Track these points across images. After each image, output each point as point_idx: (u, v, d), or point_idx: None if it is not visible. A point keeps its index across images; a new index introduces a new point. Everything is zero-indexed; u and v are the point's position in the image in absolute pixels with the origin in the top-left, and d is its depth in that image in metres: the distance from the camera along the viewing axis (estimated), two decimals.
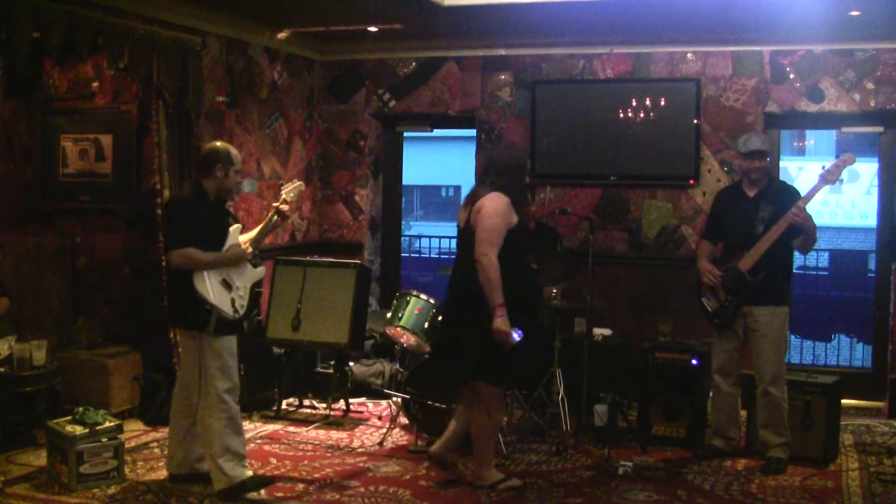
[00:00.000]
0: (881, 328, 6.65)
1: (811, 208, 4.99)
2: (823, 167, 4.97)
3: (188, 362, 4.59)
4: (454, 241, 17.56)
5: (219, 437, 4.45)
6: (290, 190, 4.94)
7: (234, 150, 4.64)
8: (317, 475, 4.94)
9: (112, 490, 4.58)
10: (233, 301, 4.50)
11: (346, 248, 7.61)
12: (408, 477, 4.95)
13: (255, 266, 4.69)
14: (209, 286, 4.41)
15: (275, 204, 4.80)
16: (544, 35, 6.92)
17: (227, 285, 4.50)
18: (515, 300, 4.47)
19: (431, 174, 22.23)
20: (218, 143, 4.76)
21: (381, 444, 5.54)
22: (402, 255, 8.74)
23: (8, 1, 4.65)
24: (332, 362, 6.30)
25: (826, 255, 12.43)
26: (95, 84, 6.38)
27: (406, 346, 5.92)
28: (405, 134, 8.12)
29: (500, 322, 4.40)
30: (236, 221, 4.69)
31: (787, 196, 5.07)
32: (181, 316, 4.57)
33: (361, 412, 6.32)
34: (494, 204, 4.51)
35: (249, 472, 4.52)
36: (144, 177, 6.15)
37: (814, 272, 11.73)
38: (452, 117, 7.53)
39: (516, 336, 4.42)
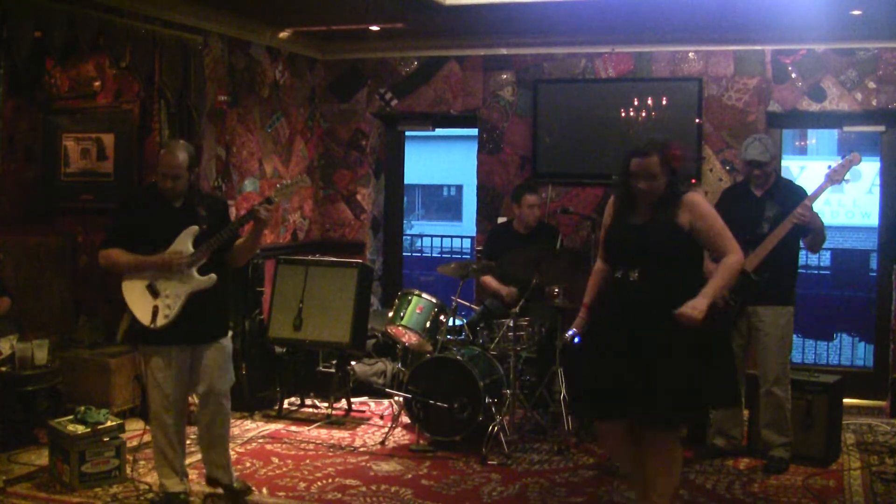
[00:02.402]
0: (882, 327, 6.64)
1: (815, 207, 4.98)
2: (829, 167, 4.94)
3: None
4: (455, 241, 17.41)
5: (154, 445, 4.39)
6: (280, 191, 4.42)
7: (164, 151, 4.26)
8: (318, 474, 4.94)
9: (114, 489, 4.58)
10: (155, 309, 4.16)
11: (347, 247, 7.61)
12: (409, 476, 4.94)
13: (197, 272, 4.23)
14: (131, 291, 4.23)
15: (255, 205, 4.31)
16: (546, 34, 6.92)
17: (153, 292, 4.20)
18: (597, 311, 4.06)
19: (433, 173, 22.21)
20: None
21: (382, 443, 5.53)
22: (404, 254, 8.74)
23: (9, 0, 4.65)
24: (334, 361, 6.30)
25: (828, 254, 12.39)
26: (97, 83, 6.39)
27: (408, 346, 5.92)
28: (407, 133, 8.12)
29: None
30: (195, 223, 4.25)
31: (794, 196, 5.05)
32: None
33: (363, 411, 6.32)
34: None
35: (179, 488, 4.35)
36: (146, 176, 6.15)
37: (815, 271, 11.70)
38: (454, 116, 7.53)
39: (569, 333, 4.11)
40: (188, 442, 4.64)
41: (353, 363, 6.44)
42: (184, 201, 4.31)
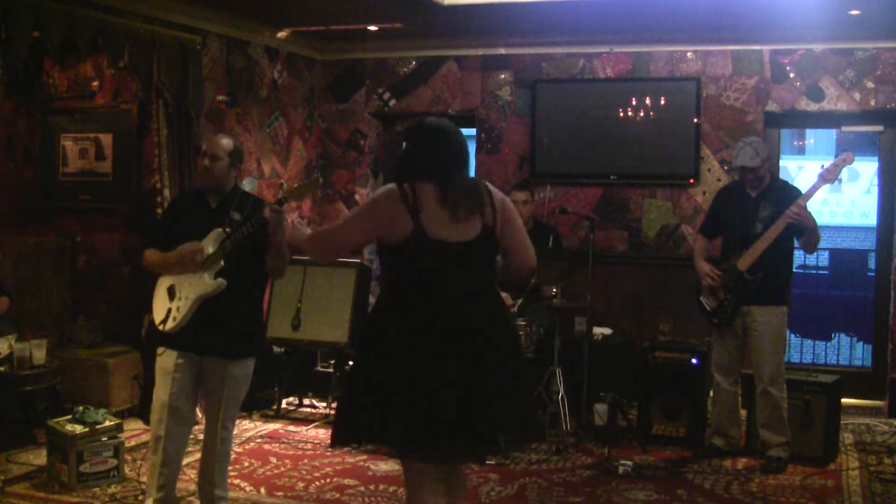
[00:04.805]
0: (881, 327, 6.65)
1: (811, 207, 4.99)
2: (822, 166, 4.97)
3: None
4: None
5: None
6: (291, 192, 3.93)
7: (209, 135, 4.15)
8: (317, 474, 4.94)
9: (112, 489, 4.59)
10: (168, 311, 3.98)
11: None
12: None
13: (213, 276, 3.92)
14: (158, 291, 4.11)
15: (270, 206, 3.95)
16: (544, 34, 6.92)
17: (171, 294, 4.01)
18: None
19: None
20: None
21: None
22: None
23: (8, 0, 4.65)
24: (332, 361, 6.31)
25: (826, 254, 12.39)
26: (95, 83, 6.38)
27: None
28: None
29: None
30: (220, 224, 3.93)
31: (788, 196, 5.07)
32: None
33: None
34: None
35: (149, 500, 4.02)
36: (144, 176, 6.15)
37: (814, 271, 11.70)
38: (452, 116, 7.51)
39: None
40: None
41: (351, 363, 6.43)
42: (221, 203, 4.04)
